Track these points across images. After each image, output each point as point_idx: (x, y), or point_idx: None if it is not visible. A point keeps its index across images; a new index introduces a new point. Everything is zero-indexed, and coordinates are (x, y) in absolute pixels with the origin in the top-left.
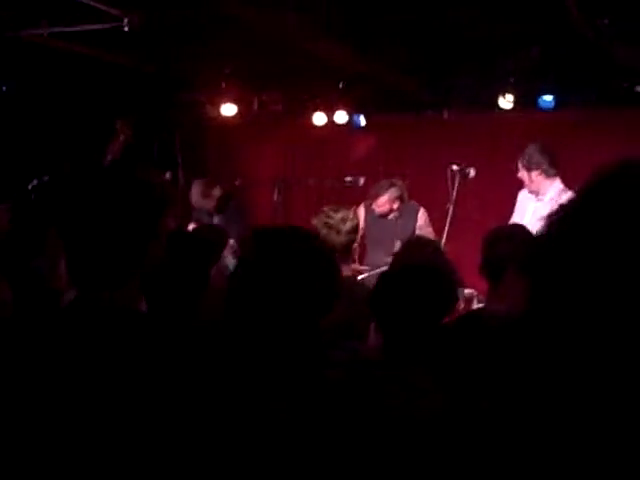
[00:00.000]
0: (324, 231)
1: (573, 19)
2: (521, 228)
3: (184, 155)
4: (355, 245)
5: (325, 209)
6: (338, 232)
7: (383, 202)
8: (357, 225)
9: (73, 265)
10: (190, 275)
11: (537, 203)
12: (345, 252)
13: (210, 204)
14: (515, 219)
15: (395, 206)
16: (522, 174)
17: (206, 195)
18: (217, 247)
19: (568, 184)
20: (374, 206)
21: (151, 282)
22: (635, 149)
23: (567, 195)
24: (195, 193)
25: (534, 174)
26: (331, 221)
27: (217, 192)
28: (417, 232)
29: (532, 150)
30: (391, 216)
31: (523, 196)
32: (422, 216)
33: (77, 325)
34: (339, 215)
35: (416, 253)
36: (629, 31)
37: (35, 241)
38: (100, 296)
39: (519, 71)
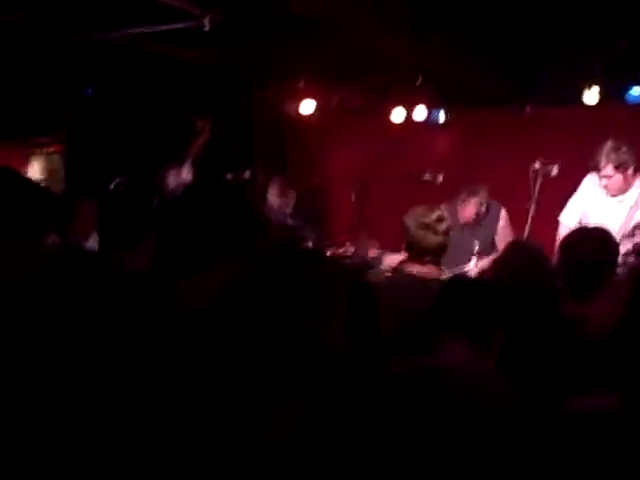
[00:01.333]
0: (420, 232)
1: None
2: (602, 231)
3: (262, 154)
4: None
5: (418, 208)
6: (435, 232)
7: (468, 211)
8: (451, 226)
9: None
10: None
11: (614, 202)
12: (440, 253)
13: (287, 203)
14: (575, 207)
15: (478, 212)
16: (614, 176)
17: (283, 194)
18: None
19: None
20: (459, 215)
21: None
22: None
23: None
24: (272, 192)
25: (629, 173)
26: (428, 220)
27: (293, 193)
28: (498, 233)
29: (617, 147)
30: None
31: (591, 184)
32: (504, 217)
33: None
34: (435, 215)
35: (520, 259)
36: None
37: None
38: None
39: (605, 64)
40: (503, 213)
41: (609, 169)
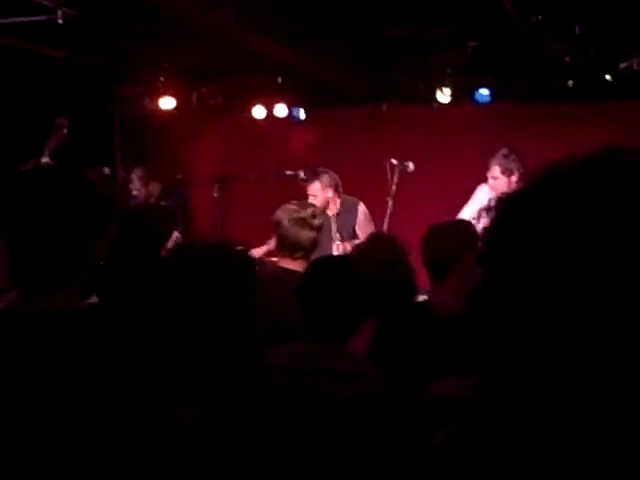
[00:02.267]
0: (295, 227)
1: (508, 15)
2: (464, 223)
3: (123, 150)
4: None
5: (292, 204)
6: (311, 227)
7: (316, 190)
8: (322, 222)
9: (14, 266)
10: (140, 256)
11: None
12: (312, 249)
13: (151, 194)
14: (467, 210)
15: (329, 194)
16: (499, 179)
17: (145, 185)
18: (165, 226)
19: None
20: (309, 197)
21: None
22: (570, 143)
23: None
24: (135, 184)
25: (514, 179)
26: (303, 216)
27: (156, 184)
28: (357, 228)
29: (508, 154)
30: (330, 213)
31: (484, 193)
32: (362, 211)
33: (12, 328)
34: (309, 210)
35: (377, 248)
36: (561, 27)
37: None
38: (40, 298)
39: (456, 65)
40: (361, 207)
41: (496, 171)
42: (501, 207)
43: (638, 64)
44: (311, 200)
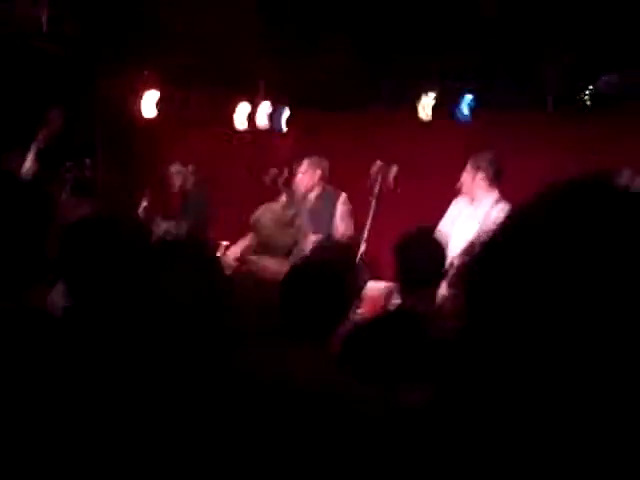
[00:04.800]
0: (275, 227)
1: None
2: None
3: (104, 144)
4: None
5: (273, 206)
6: (290, 227)
7: (305, 168)
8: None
9: None
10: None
11: (472, 210)
12: (292, 247)
13: None
14: (445, 223)
15: (316, 179)
16: (467, 174)
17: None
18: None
19: None
20: (297, 181)
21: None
22: (552, 150)
23: (500, 206)
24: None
25: (479, 176)
26: (283, 215)
27: None
28: (338, 219)
29: (486, 155)
30: (311, 195)
31: (459, 204)
32: (343, 202)
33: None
34: (291, 212)
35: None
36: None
37: None
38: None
39: (441, 73)
40: (343, 199)
41: (468, 166)
42: (487, 246)
43: (619, 78)
44: (298, 179)
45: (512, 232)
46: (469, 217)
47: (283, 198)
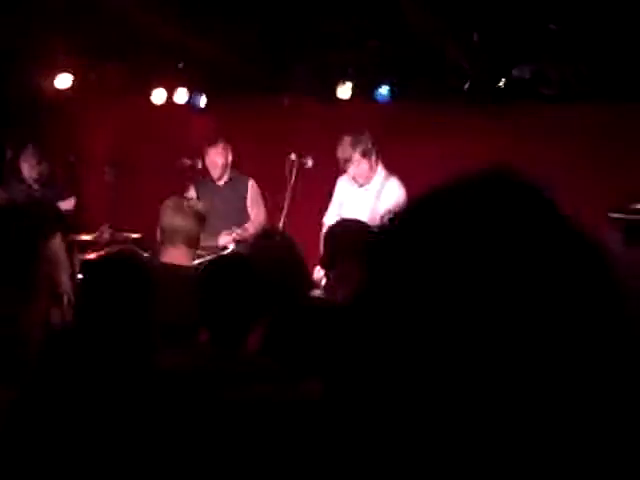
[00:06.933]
0: (171, 213)
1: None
2: (358, 221)
3: (14, 127)
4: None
5: (185, 198)
6: (185, 213)
7: (217, 152)
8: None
9: None
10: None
11: (362, 192)
12: (192, 237)
13: (41, 172)
14: (334, 207)
15: (229, 159)
16: (358, 161)
17: (38, 163)
18: (51, 224)
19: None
20: (209, 162)
21: None
22: (467, 142)
23: (390, 182)
24: (29, 158)
25: (373, 160)
26: (179, 202)
27: (47, 164)
28: (249, 204)
29: (367, 138)
30: (221, 182)
31: (343, 183)
32: (252, 186)
33: None
34: (188, 201)
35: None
36: (459, 31)
37: None
38: None
39: (357, 63)
40: (251, 183)
41: (356, 157)
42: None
43: (529, 72)
44: (214, 159)
45: (415, 216)
46: (360, 196)
47: (192, 192)
